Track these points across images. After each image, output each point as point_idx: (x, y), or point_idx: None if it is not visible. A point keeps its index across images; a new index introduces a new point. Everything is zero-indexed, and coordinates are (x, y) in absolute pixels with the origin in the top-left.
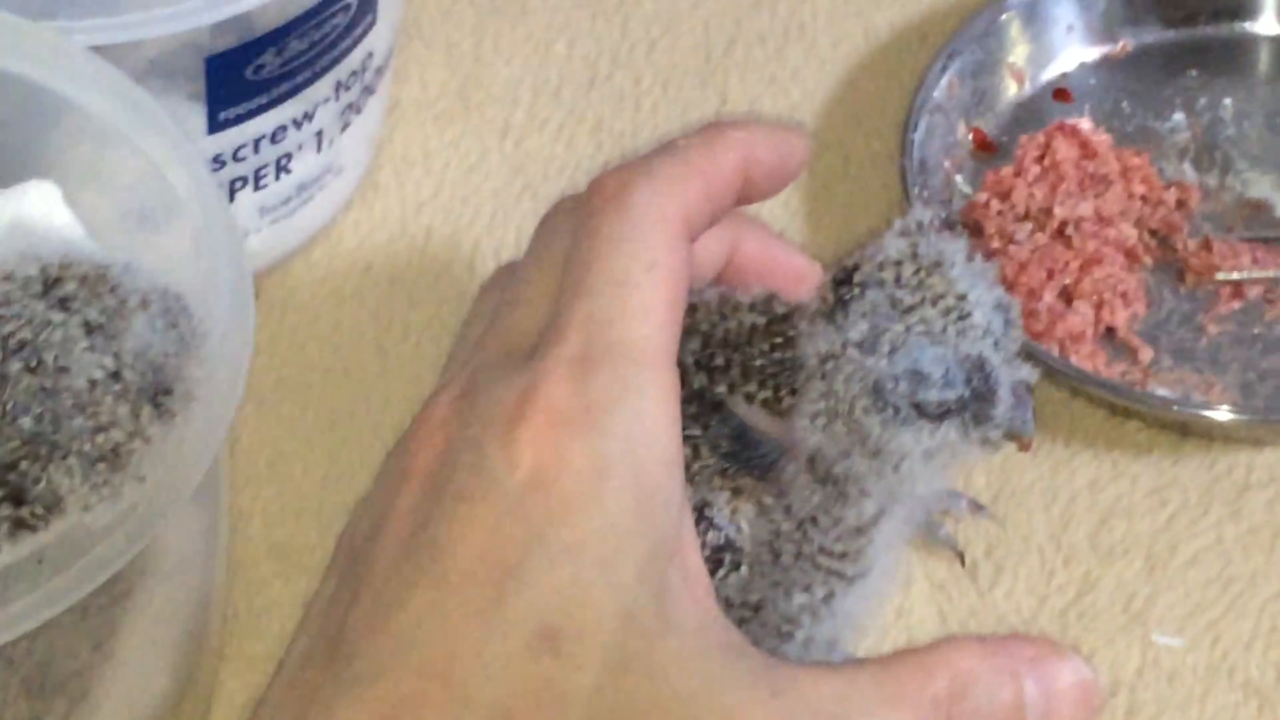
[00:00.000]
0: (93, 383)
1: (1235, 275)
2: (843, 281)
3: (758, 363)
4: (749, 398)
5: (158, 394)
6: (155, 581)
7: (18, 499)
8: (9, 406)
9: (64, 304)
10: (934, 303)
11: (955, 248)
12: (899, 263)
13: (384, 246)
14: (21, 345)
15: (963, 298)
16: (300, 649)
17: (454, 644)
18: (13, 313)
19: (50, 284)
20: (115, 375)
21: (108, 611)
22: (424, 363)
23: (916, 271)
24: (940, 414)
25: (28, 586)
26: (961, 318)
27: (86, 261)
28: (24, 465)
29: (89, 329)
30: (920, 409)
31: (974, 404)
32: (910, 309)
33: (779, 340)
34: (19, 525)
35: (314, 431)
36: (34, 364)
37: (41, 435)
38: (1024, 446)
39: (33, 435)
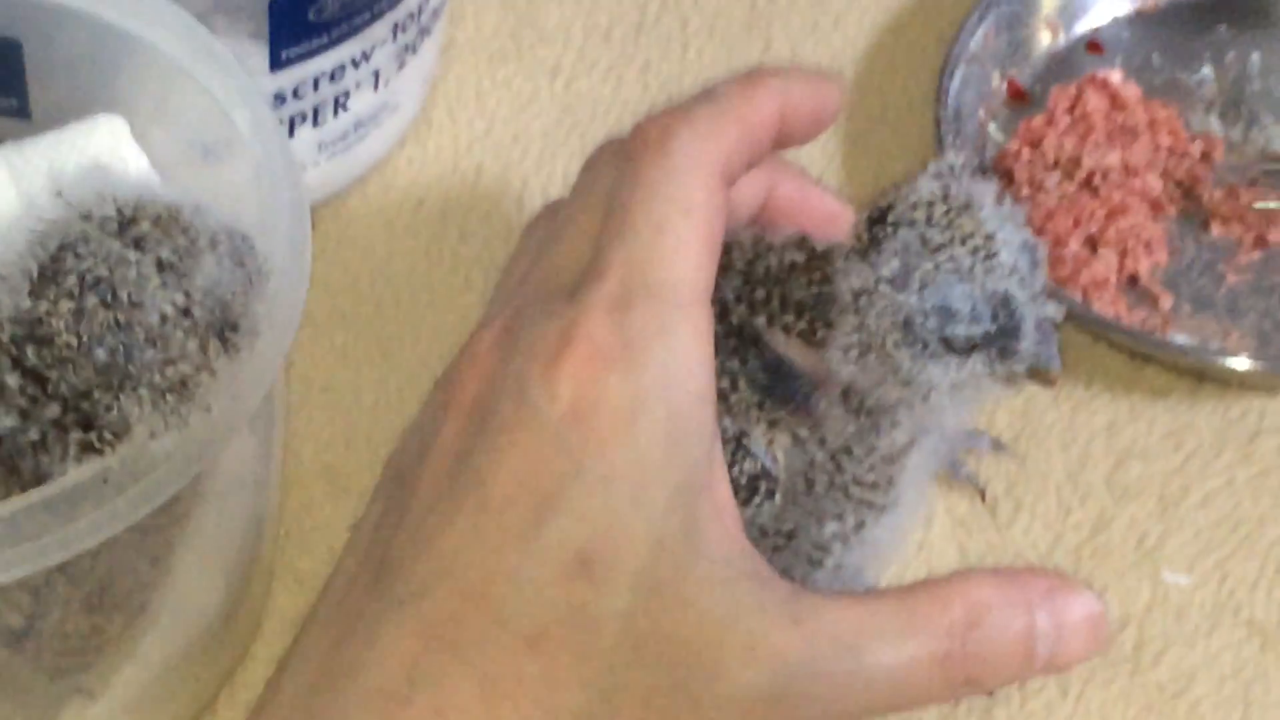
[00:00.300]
0: (164, 318)
1: (1273, 204)
2: (876, 220)
3: (796, 296)
4: (786, 329)
5: (225, 329)
6: (211, 502)
7: (88, 424)
8: (84, 338)
9: (138, 243)
10: (963, 242)
11: (985, 190)
12: (930, 203)
13: (436, 182)
14: (98, 281)
15: (990, 238)
16: (348, 569)
17: (493, 567)
18: (89, 250)
19: (126, 223)
20: (185, 312)
21: (166, 530)
22: (473, 295)
23: (947, 212)
24: (967, 348)
25: (92, 505)
26: (989, 256)
27: (159, 202)
28: (97, 394)
29: (161, 267)
30: (948, 343)
31: (1000, 339)
32: (940, 247)
33: (817, 275)
34: (86, 448)
35: (365, 359)
36: (109, 299)
37: (114, 366)
38: (1049, 381)
39: (106, 366)
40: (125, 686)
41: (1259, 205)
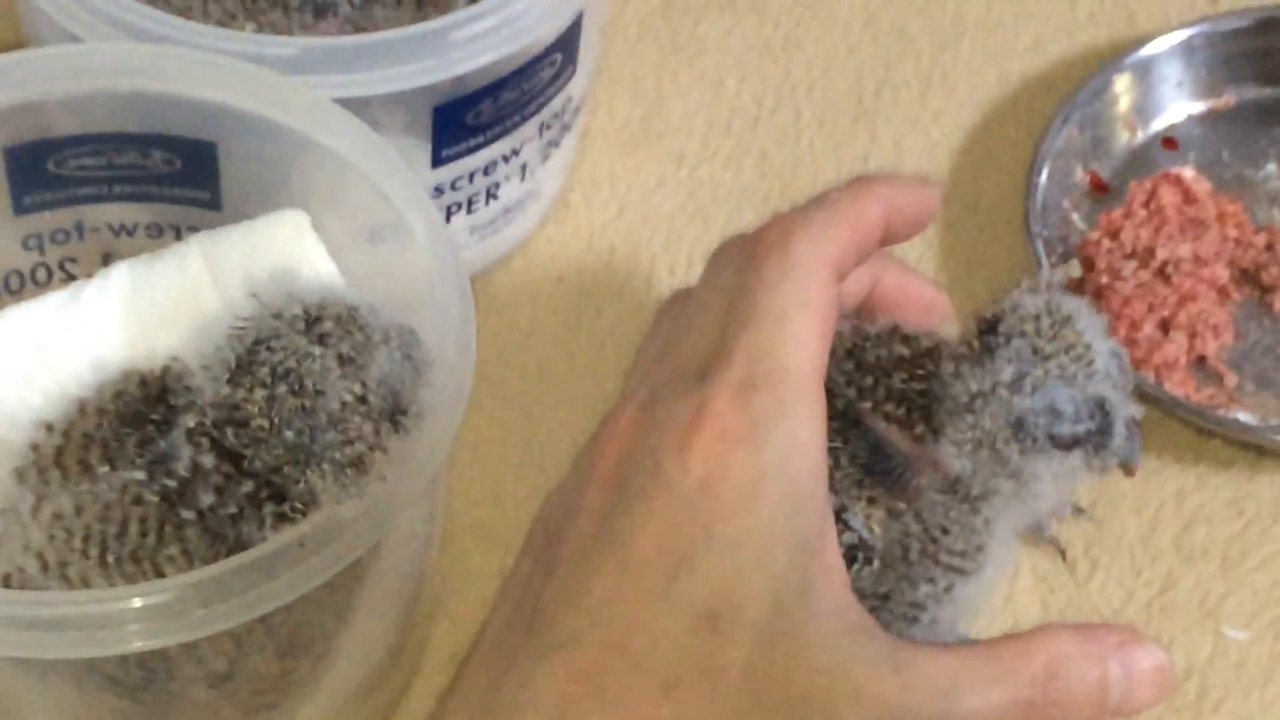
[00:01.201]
0: (343, 404)
1: None
2: (987, 330)
3: (899, 388)
4: (888, 416)
5: (396, 414)
6: (386, 558)
7: (280, 497)
8: (275, 422)
9: (322, 339)
10: (1066, 351)
11: (1079, 304)
12: (1037, 316)
13: (574, 260)
14: (288, 372)
15: (1089, 347)
16: (501, 618)
17: (632, 621)
18: (280, 345)
19: (311, 322)
20: (362, 399)
21: (348, 584)
22: (606, 364)
23: (1052, 324)
24: (1070, 444)
25: (289, 566)
26: (1088, 364)
27: (340, 303)
28: (286, 469)
29: (341, 361)
30: (1054, 440)
31: (1096, 436)
32: (1049, 356)
33: (919, 371)
34: (281, 519)
35: (511, 423)
36: (297, 388)
37: (301, 446)
38: (1130, 472)
39: (294, 445)
40: (306, 719)
41: None
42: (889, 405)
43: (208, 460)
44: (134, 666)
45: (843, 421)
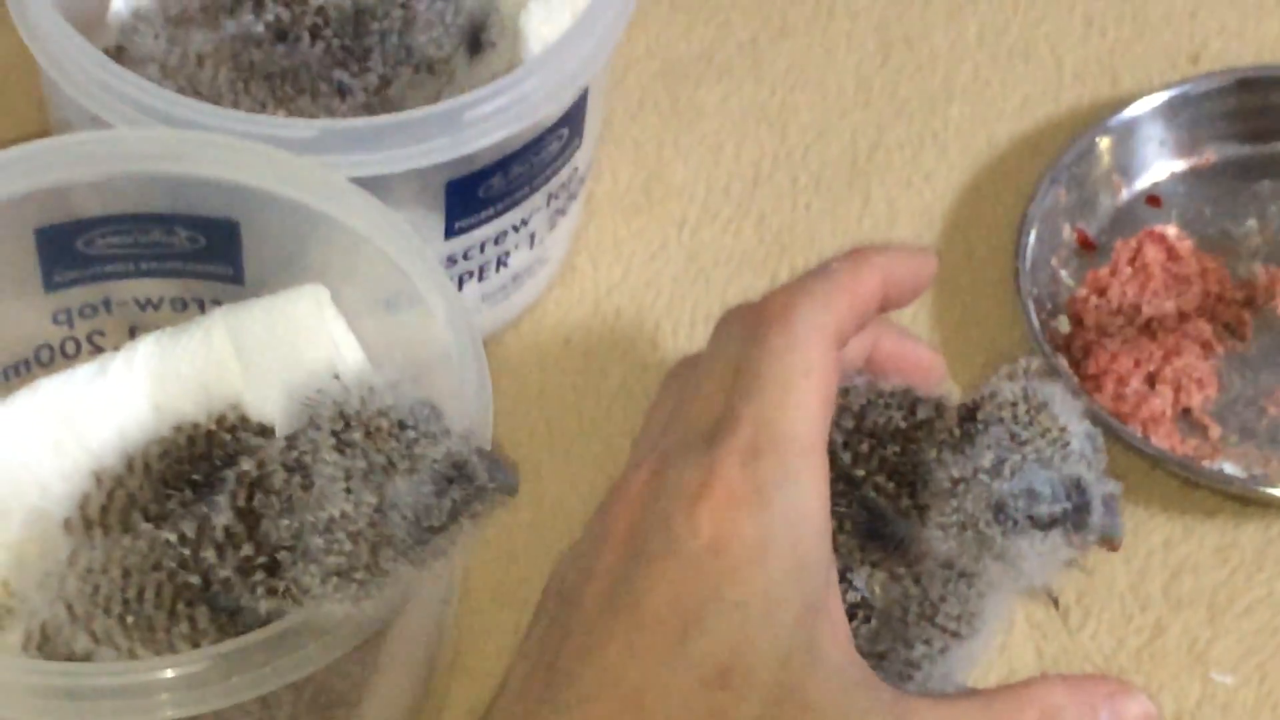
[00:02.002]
0: (342, 516)
1: None
2: (967, 418)
3: (893, 461)
4: (878, 489)
5: (416, 544)
6: (410, 618)
7: (273, 571)
8: (279, 507)
9: (344, 448)
10: (1043, 435)
11: (1054, 389)
12: (1014, 403)
13: (581, 323)
14: (302, 466)
15: (1064, 430)
16: (519, 675)
17: (646, 678)
18: (309, 439)
19: (341, 430)
20: (362, 518)
21: (374, 644)
22: (614, 424)
23: (1028, 410)
24: (1049, 524)
25: (317, 635)
26: (1064, 446)
27: (382, 415)
28: (282, 554)
29: (349, 475)
30: (1034, 520)
31: (1075, 514)
32: (1026, 441)
33: (913, 446)
34: (271, 592)
35: (522, 481)
36: (305, 483)
37: (297, 538)
38: (1113, 547)
39: (293, 535)
40: None
41: None
42: (880, 477)
43: (228, 518)
44: None
45: (846, 484)
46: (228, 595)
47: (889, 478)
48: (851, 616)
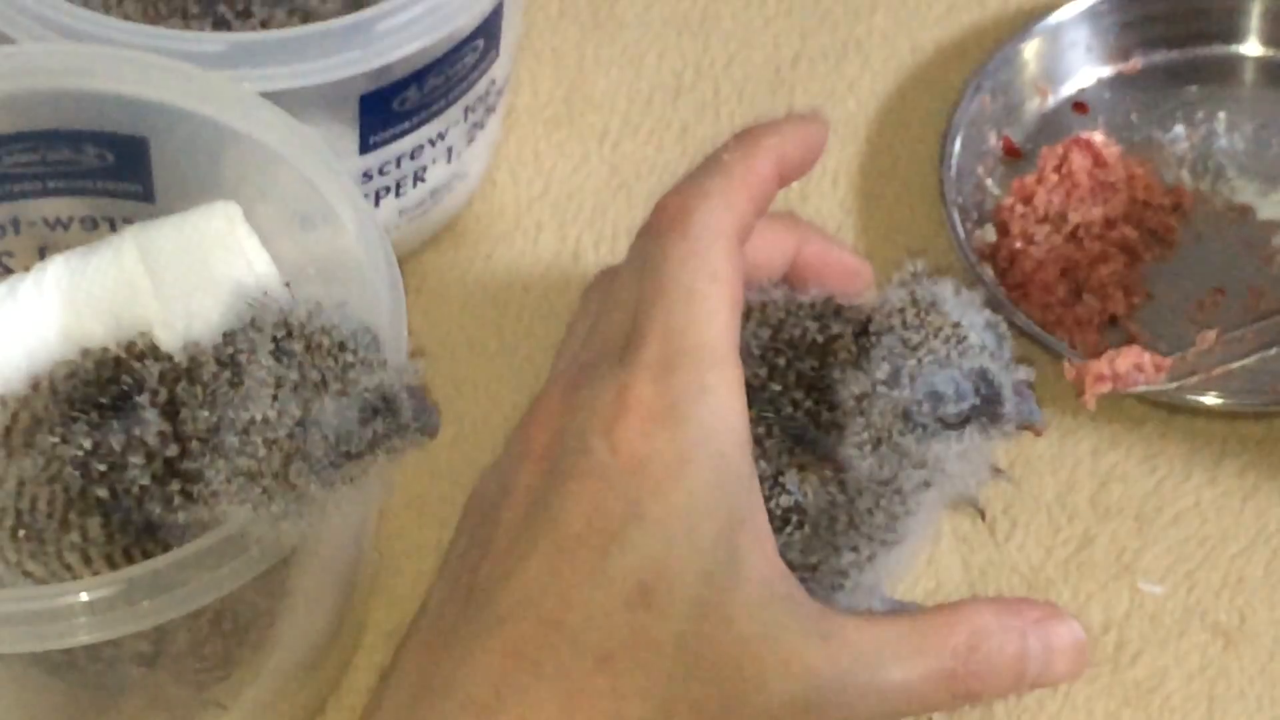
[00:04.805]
0: (261, 420)
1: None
2: (860, 333)
3: (809, 375)
4: (795, 404)
5: (336, 461)
6: (324, 544)
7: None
8: (206, 397)
9: (281, 355)
10: (936, 334)
11: (945, 287)
12: (902, 309)
13: (501, 238)
14: (235, 362)
15: (957, 326)
16: (439, 596)
17: (566, 597)
18: (247, 339)
19: (283, 338)
20: (279, 427)
21: (281, 570)
22: (534, 341)
23: (918, 313)
24: (961, 422)
25: (230, 556)
26: (960, 341)
27: (323, 334)
28: (199, 444)
29: (279, 384)
30: (944, 422)
31: (986, 407)
32: (918, 345)
33: (830, 359)
34: (189, 499)
35: (442, 398)
36: (235, 380)
37: (214, 431)
38: (1036, 432)
39: (211, 427)
40: (252, 697)
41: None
42: (798, 392)
43: (151, 417)
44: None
45: (773, 393)
46: (139, 508)
47: (807, 393)
48: (786, 521)
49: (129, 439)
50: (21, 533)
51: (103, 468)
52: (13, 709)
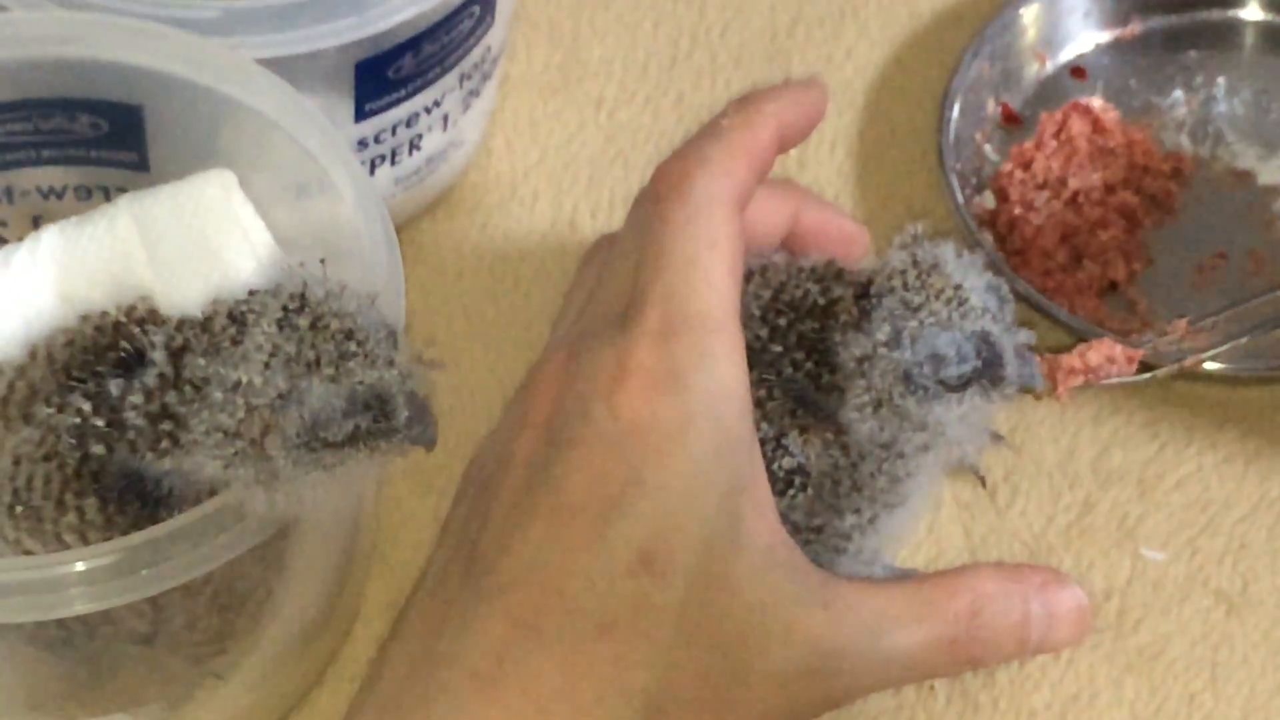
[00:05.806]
0: (242, 384)
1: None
2: (861, 295)
3: (810, 335)
4: (795, 365)
5: (313, 442)
6: (320, 519)
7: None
8: (207, 346)
9: (286, 325)
10: (938, 296)
11: (946, 249)
12: (903, 271)
13: (497, 206)
14: (240, 320)
15: (959, 288)
16: (439, 565)
17: (568, 564)
18: (258, 302)
19: (292, 311)
20: (262, 396)
21: (278, 542)
22: (531, 308)
23: (919, 275)
24: (962, 385)
25: (226, 527)
26: (961, 304)
27: (333, 309)
28: (190, 391)
29: (272, 354)
30: (945, 384)
31: (987, 369)
32: (919, 306)
33: (831, 321)
34: (176, 443)
35: (442, 367)
36: (237, 335)
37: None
38: (1037, 395)
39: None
40: (249, 669)
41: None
42: (799, 354)
43: (159, 359)
44: (50, 624)
45: (774, 355)
46: (131, 454)
47: (808, 355)
48: (789, 484)
49: (128, 384)
50: (19, 509)
51: (99, 422)
52: (10, 683)
